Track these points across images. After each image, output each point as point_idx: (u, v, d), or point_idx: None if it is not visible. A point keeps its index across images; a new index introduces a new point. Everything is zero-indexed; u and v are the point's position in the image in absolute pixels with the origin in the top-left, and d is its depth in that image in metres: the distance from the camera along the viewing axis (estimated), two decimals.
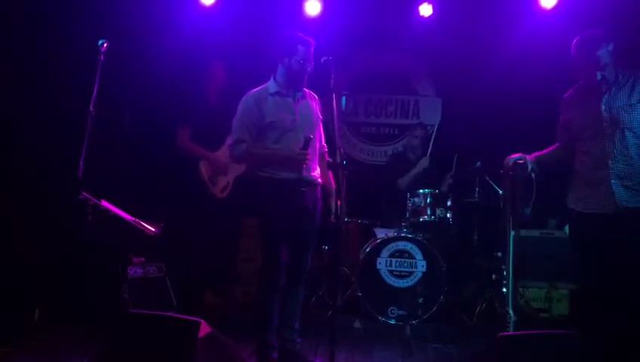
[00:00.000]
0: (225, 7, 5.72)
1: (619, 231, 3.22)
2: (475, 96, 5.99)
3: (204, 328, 2.86)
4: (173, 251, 4.74)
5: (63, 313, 4.28)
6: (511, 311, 3.58)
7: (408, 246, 4.94)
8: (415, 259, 4.91)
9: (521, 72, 5.67)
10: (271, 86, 3.71)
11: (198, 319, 2.87)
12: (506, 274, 3.57)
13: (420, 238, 4.99)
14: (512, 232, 3.59)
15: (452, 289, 5.09)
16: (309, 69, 3.63)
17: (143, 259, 4.46)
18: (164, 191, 5.24)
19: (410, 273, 4.90)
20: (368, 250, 5.00)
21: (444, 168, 5.56)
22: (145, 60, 5.36)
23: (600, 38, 3.30)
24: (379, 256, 4.94)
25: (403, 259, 4.92)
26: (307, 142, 3.57)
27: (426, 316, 4.77)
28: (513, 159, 3.62)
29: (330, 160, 3.96)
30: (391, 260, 4.93)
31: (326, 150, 3.94)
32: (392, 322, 4.79)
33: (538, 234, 5.32)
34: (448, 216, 5.15)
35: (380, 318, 4.80)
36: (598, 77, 3.27)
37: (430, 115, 6.53)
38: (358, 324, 4.85)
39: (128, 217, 3.97)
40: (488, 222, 5.49)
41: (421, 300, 4.81)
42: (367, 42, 6.34)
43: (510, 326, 3.45)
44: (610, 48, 3.28)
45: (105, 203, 3.79)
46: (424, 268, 4.89)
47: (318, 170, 3.80)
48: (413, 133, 5.81)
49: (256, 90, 3.72)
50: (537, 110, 5.20)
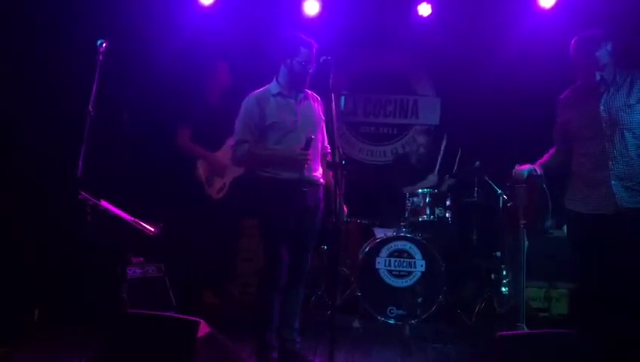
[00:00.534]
0: (224, 7, 5.71)
1: (619, 231, 3.22)
2: (474, 96, 5.98)
3: (204, 328, 2.86)
4: (172, 251, 4.74)
5: (63, 313, 4.28)
6: (524, 326, 3.59)
7: (407, 245, 4.94)
8: (414, 258, 4.91)
9: (520, 72, 5.67)
10: (273, 87, 3.72)
11: (198, 319, 2.87)
12: (515, 285, 3.53)
13: (419, 238, 4.99)
14: (526, 243, 3.55)
15: (451, 289, 5.10)
16: (311, 71, 3.64)
17: (142, 259, 4.46)
18: (164, 191, 5.24)
19: (410, 273, 4.90)
20: (367, 249, 5.01)
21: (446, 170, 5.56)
22: (144, 60, 5.35)
23: (599, 38, 3.29)
24: (378, 256, 4.94)
25: (402, 259, 4.92)
26: (308, 143, 3.58)
27: (425, 316, 4.77)
28: (526, 171, 3.55)
29: (329, 159, 3.96)
30: (390, 260, 4.93)
31: (328, 151, 3.95)
32: (392, 322, 4.79)
33: None
34: (447, 215, 5.16)
35: (379, 318, 4.81)
36: (597, 77, 3.27)
37: (429, 114, 6.53)
38: (357, 324, 4.85)
39: (127, 217, 3.97)
40: (487, 222, 5.50)
41: (420, 300, 4.81)
42: (366, 42, 6.34)
43: None
44: (608, 48, 3.27)
45: (104, 203, 3.79)
46: (423, 268, 4.89)
47: (321, 170, 3.81)
48: (417, 140, 5.82)
49: (258, 91, 3.74)
50: (536, 109, 5.20)
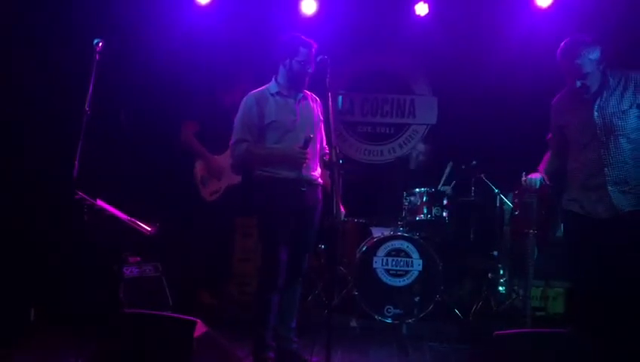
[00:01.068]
0: (220, 7, 5.71)
1: (617, 233, 3.20)
2: (471, 95, 5.99)
3: (200, 327, 2.85)
4: (169, 250, 4.74)
5: (59, 313, 4.27)
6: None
7: (405, 245, 4.94)
8: (411, 257, 4.91)
9: (517, 71, 5.67)
10: (272, 86, 3.72)
11: (194, 318, 2.87)
12: (523, 292, 3.51)
13: (417, 237, 4.99)
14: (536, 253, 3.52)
15: (448, 288, 5.10)
16: (310, 71, 3.64)
17: (139, 258, 4.46)
18: (161, 191, 5.24)
19: (407, 272, 4.90)
20: (365, 248, 5.01)
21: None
22: (140, 60, 5.35)
23: (581, 45, 3.20)
24: (375, 255, 4.94)
25: (399, 258, 4.92)
26: (307, 142, 3.57)
27: (422, 315, 4.78)
28: (538, 180, 3.50)
29: (326, 159, 3.96)
30: (387, 259, 4.93)
31: (327, 151, 3.94)
32: (389, 321, 4.80)
33: None
34: (445, 215, 5.16)
35: (377, 317, 4.81)
36: (578, 84, 3.23)
37: (426, 114, 6.53)
38: (354, 323, 4.85)
39: (124, 216, 3.96)
40: (484, 221, 5.51)
41: (417, 299, 4.82)
42: (363, 41, 6.33)
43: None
44: (593, 56, 3.18)
45: (100, 202, 3.78)
46: (420, 267, 4.89)
47: (319, 170, 3.81)
48: (417, 148, 5.85)
49: (257, 91, 3.74)
50: (533, 109, 5.18)
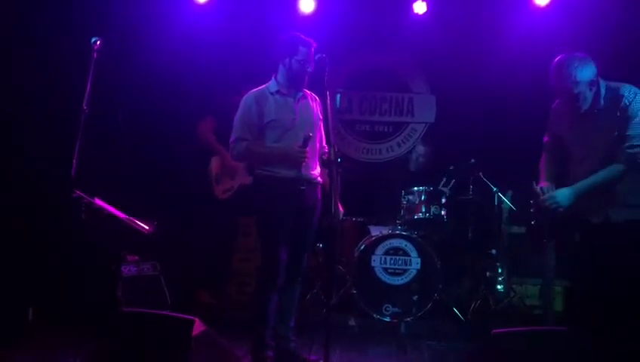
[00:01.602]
0: (218, 5, 5.71)
1: (612, 239, 3.21)
2: (469, 94, 6.00)
3: (199, 326, 2.85)
4: (168, 249, 4.74)
5: (57, 312, 4.26)
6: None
7: (403, 243, 4.95)
8: (410, 256, 4.92)
9: (515, 70, 5.67)
10: (272, 85, 3.73)
11: (193, 317, 2.87)
12: (544, 299, 3.44)
13: (415, 236, 4.99)
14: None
15: (446, 287, 5.11)
16: (310, 70, 3.64)
17: (137, 257, 4.45)
18: (160, 190, 5.23)
19: (405, 270, 4.90)
20: (363, 247, 5.01)
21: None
22: (139, 58, 5.34)
23: (573, 64, 3.15)
24: (373, 254, 4.94)
25: (398, 257, 4.92)
26: (306, 140, 3.57)
27: (420, 313, 4.78)
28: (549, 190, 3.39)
29: (325, 157, 3.95)
30: (385, 258, 4.93)
31: (326, 151, 3.94)
32: (387, 319, 4.80)
33: None
34: (443, 213, 5.16)
35: (375, 316, 4.81)
36: (575, 104, 3.22)
37: (425, 112, 6.53)
38: (352, 322, 4.86)
39: (122, 215, 3.96)
40: (483, 220, 5.51)
41: (415, 297, 4.82)
42: (361, 40, 6.33)
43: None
44: (587, 74, 3.14)
45: (98, 201, 3.78)
46: (419, 266, 4.89)
47: (319, 169, 3.81)
48: (417, 150, 5.85)
49: (257, 90, 3.74)
50: (532, 107, 5.20)
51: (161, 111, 5.42)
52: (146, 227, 4.05)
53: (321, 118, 3.84)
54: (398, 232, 5.03)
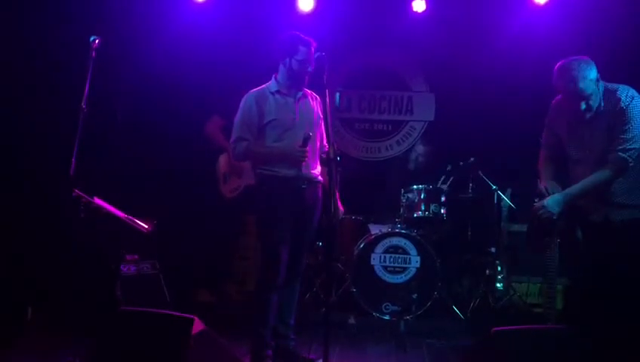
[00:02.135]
0: (217, 4, 5.70)
1: (610, 238, 3.21)
2: (468, 92, 6.00)
3: (198, 325, 2.85)
4: (168, 248, 4.73)
5: (56, 311, 4.26)
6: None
7: (402, 241, 4.94)
8: (409, 254, 4.92)
9: (514, 67, 5.68)
10: (272, 85, 3.72)
11: (192, 316, 2.86)
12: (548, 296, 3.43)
13: (414, 234, 4.99)
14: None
15: (446, 285, 5.11)
16: (310, 69, 3.64)
17: (136, 256, 4.45)
18: (160, 189, 5.23)
19: (404, 269, 4.90)
20: (362, 245, 5.01)
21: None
22: (137, 57, 5.34)
23: (580, 67, 3.15)
24: (373, 252, 4.94)
25: (397, 255, 4.92)
26: (306, 140, 3.57)
27: (420, 311, 4.78)
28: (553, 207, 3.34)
29: (324, 156, 3.95)
30: (385, 256, 4.93)
31: (327, 150, 3.93)
32: (386, 318, 4.80)
33: None
34: (442, 211, 5.16)
35: (374, 314, 4.81)
36: (583, 107, 3.20)
37: (424, 110, 6.53)
38: (352, 320, 4.84)
39: (121, 214, 3.96)
40: (482, 218, 5.50)
41: (415, 296, 4.81)
42: (361, 38, 6.33)
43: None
44: (592, 77, 3.14)
45: (97, 200, 3.78)
46: (418, 264, 4.89)
47: (319, 168, 3.81)
48: (417, 150, 5.85)
49: (257, 89, 3.74)
50: (531, 105, 5.21)
51: (160, 109, 5.41)
52: (146, 226, 4.05)
53: (321, 117, 3.83)
54: (397, 230, 5.02)
